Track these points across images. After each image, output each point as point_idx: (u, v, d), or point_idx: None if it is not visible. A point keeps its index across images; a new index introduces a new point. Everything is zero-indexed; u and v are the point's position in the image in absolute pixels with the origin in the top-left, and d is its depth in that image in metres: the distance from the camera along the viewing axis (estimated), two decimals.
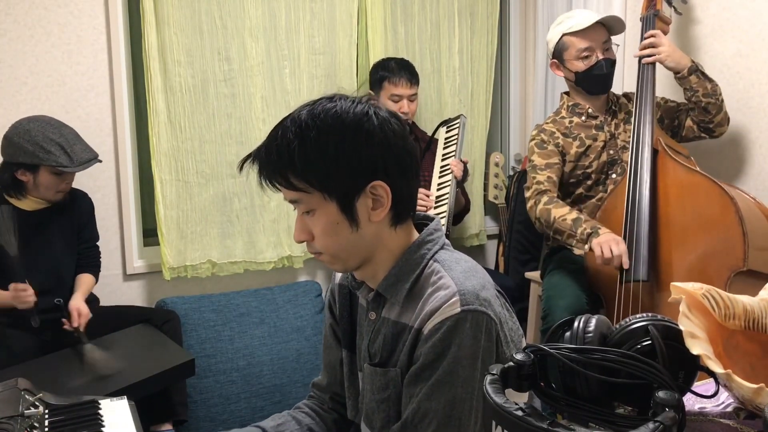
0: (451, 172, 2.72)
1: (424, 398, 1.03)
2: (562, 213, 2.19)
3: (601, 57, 2.32)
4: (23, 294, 2.16)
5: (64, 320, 2.29)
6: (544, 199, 2.28)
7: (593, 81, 2.36)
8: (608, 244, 2.02)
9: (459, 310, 1.01)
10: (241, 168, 1.08)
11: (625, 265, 2.01)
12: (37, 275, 2.30)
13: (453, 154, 2.77)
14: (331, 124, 1.01)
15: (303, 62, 2.93)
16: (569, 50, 2.35)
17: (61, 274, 2.41)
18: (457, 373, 1.01)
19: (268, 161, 1.04)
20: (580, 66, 2.34)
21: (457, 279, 1.05)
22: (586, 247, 2.09)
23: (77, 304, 2.33)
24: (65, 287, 2.41)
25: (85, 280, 2.46)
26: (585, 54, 2.32)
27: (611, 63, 2.35)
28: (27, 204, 2.31)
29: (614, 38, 2.39)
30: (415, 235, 1.13)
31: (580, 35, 2.32)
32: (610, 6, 2.82)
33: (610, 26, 2.36)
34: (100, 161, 2.35)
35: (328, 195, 1.03)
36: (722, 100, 2.25)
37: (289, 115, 1.05)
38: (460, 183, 2.80)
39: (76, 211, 2.45)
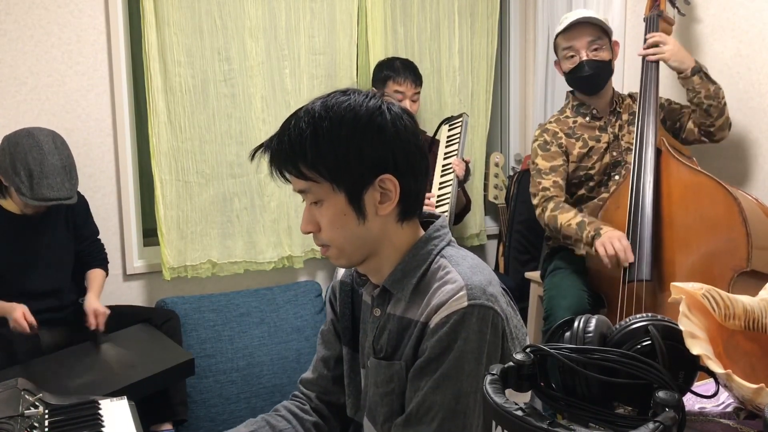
0: (452, 171, 2.72)
1: (429, 391, 1.02)
2: (568, 218, 2.22)
3: (584, 58, 2.30)
4: (23, 322, 2.14)
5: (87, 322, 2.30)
6: (551, 205, 2.30)
7: (578, 82, 2.36)
8: (611, 242, 2.03)
9: (466, 304, 1.01)
10: (252, 157, 1.09)
11: (630, 259, 2.01)
12: (34, 277, 2.30)
13: (455, 152, 2.77)
14: (344, 115, 1.02)
15: (303, 62, 2.93)
16: (558, 51, 2.38)
17: (60, 275, 2.40)
18: (462, 368, 1.01)
19: (279, 150, 1.05)
20: (567, 66, 2.35)
21: (464, 274, 1.05)
22: (593, 249, 2.09)
23: (93, 304, 2.32)
24: (66, 287, 2.41)
25: (95, 277, 2.46)
26: (569, 54, 2.33)
27: (596, 64, 2.30)
28: (13, 206, 2.27)
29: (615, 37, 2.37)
30: (422, 232, 1.14)
31: (564, 36, 2.33)
32: (610, 6, 2.81)
33: (601, 26, 2.33)
34: (72, 202, 2.23)
35: (337, 186, 1.04)
36: (724, 104, 2.22)
37: (303, 106, 1.06)
38: (462, 182, 2.80)
39: (71, 211, 2.40)
